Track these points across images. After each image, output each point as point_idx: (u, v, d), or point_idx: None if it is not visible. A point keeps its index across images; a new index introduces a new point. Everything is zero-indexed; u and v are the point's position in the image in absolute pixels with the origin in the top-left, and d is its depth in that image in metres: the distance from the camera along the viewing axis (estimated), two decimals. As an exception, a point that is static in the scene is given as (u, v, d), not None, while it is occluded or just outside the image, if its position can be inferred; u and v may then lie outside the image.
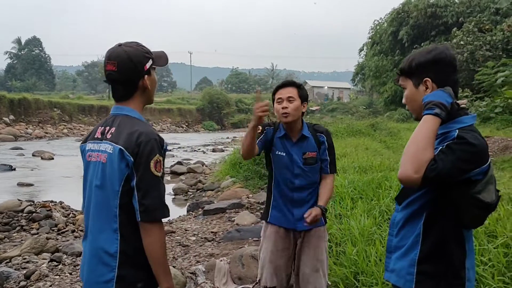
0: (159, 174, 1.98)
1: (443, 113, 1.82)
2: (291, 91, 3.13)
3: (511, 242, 3.31)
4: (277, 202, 3.23)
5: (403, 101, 2.09)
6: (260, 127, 3.16)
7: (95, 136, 2.14)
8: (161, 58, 2.21)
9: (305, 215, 2.98)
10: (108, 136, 2.06)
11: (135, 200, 1.95)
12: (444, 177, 1.76)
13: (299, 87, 3.19)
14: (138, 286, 2.01)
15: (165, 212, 2.00)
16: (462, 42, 25.03)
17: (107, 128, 2.10)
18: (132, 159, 1.96)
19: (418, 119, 1.98)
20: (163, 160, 2.02)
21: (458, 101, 1.92)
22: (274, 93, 3.22)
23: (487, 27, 26.11)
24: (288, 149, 3.17)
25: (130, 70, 2.06)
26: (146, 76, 2.11)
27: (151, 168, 1.95)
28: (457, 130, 1.85)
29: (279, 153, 3.18)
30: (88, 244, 2.11)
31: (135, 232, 1.98)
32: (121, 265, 1.99)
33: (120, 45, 2.11)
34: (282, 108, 3.10)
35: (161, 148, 2.01)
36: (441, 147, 1.81)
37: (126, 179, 1.97)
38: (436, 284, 1.90)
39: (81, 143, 2.27)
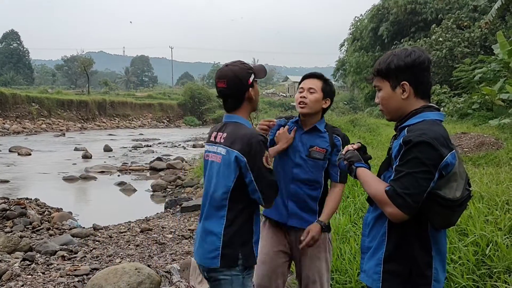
0: (270, 167, 2.41)
1: (361, 162, 2.10)
2: (315, 83, 2.98)
3: (480, 240, 3.34)
4: None
5: (376, 100, 2.12)
6: (274, 120, 3.05)
7: (210, 140, 2.59)
8: (261, 71, 2.58)
9: (302, 237, 2.81)
10: (222, 140, 2.48)
11: (256, 190, 2.38)
12: (419, 198, 1.82)
13: (325, 81, 3.02)
14: (238, 262, 2.41)
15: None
16: (441, 39, 25.23)
17: (220, 133, 2.52)
18: (245, 159, 2.36)
19: (391, 120, 2.07)
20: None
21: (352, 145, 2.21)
22: (299, 83, 3.10)
23: (465, 24, 26.35)
24: (295, 136, 3.00)
25: (237, 85, 2.45)
26: (250, 88, 2.49)
27: (264, 163, 2.38)
28: (404, 132, 1.93)
29: None
30: (201, 225, 2.55)
31: (238, 218, 2.42)
32: (224, 245, 2.41)
33: (227, 65, 2.52)
34: (300, 97, 2.97)
35: (264, 145, 2.42)
36: (393, 175, 1.89)
37: (239, 177, 2.39)
38: (401, 283, 1.93)
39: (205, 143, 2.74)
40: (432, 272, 1.92)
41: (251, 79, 2.48)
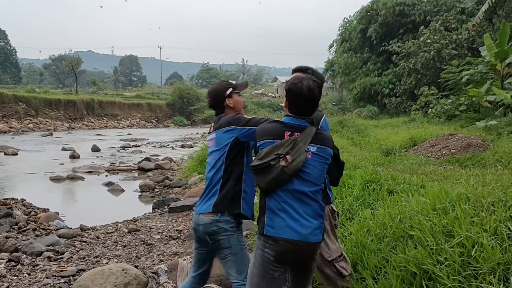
0: None
1: None
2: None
3: (466, 242, 3.36)
4: None
5: None
6: None
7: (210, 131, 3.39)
8: (241, 85, 3.37)
9: None
10: (211, 129, 3.33)
11: None
12: None
13: (305, 71, 3.30)
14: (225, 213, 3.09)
15: None
16: (429, 41, 25.43)
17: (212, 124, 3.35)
18: None
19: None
20: None
21: None
22: None
23: (453, 26, 26.57)
24: None
25: (216, 97, 3.30)
26: (228, 99, 3.27)
27: None
28: None
29: None
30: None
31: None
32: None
33: (211, 84, 3.31)
34: None
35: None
36: None
37: None
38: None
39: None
40: (266, 210, 2.70)
41: (227, 92, 3.25)
